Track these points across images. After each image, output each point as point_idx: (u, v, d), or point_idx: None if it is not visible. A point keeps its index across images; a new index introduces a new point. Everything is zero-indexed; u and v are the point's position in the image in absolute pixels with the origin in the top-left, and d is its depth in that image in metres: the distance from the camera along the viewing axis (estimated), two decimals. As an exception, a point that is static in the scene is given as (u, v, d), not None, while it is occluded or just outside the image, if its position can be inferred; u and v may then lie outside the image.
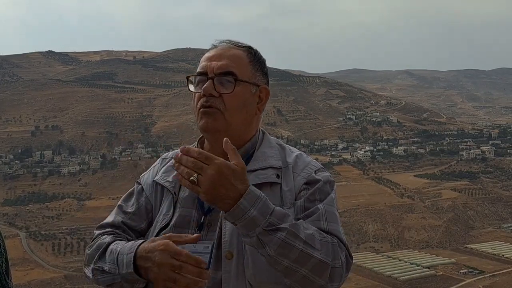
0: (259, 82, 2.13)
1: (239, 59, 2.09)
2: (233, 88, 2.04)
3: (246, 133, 2.13)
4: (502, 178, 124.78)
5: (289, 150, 2.18)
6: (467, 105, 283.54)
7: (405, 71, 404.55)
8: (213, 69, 2.06)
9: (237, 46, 2.14)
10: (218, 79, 2.05)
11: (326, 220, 1.94)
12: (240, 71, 2.07)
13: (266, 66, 2.19)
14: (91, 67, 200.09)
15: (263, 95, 2.14)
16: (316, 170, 2.10)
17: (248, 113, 2.10)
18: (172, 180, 2.16)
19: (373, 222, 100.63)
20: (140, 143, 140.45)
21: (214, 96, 2.04)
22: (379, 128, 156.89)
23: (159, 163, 2.31)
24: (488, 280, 75.88)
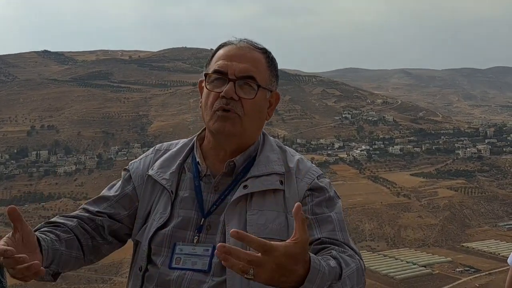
0: (273, 87, 2.09)
1: (259, 63, 2.04)
2: (255, 94, 2.00)
3: (255, 137, 2.11)
4: (498, 177, 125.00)
5: (290, 154, 2.14)
6: (463, 104, 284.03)
7: (401, 70, 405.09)
8: (234, 71, 2.00)
9: (256, 47, 2.07)
10: (239, 83, 1.99)
11: (340, 230, 1.93)
12: (260, 76, 2.02)
13: (278, 69, 2.14)
14: (87, 66, 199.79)
15: (273, 100, 2.11)
16: (318, 176, 2.07)
17: (261, 118, 2.08)
18: (169, 177, 2.10)
19: (370, 221, 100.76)
20: (136, 143, 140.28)
21: (234, 100, 1.99)
22: (375, 127, 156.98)
23: (152, 154, 2.24)
24: (484, 279, 76.07)
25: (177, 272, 1.93)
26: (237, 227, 1.90)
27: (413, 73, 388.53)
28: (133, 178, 2.18)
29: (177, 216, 2.02)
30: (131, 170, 2.21)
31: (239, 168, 2.05)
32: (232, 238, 1.76)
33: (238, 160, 2.05)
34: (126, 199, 2.14)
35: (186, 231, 1.99)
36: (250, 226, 1.92)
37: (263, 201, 1.97)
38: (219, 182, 2.04)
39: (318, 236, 1.90)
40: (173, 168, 2.12)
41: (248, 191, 1.97)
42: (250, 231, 1.88)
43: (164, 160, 2.16)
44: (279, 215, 1.93)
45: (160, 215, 2.04)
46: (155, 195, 2.10)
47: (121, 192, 2.16)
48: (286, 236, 1.87)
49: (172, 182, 2.08)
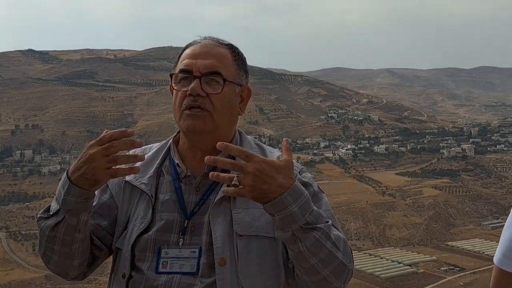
0: (242, 82, 2.07)
1: (224, 58, 2.03)
2: (221, 88, 1.99)
3: (230, 133, 2.08)
4: (482, 176, 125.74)
5: (269, 151, 2.13)
6: (447, 104, 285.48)
7: (387, 69, 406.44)
8: (199, 68, 1.99)
9: (220, 43, 2.07)
10: (205, 79, 1.99)
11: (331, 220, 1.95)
12: (226, 70, 2.01)
13: (247, 65, 2.13)
14: (71, 65, 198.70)
15: (244, 95, 2.09)
16: (300, 171, 2.05)
17: (233, 113, 2.06)
18: (148, 182, 2.06)
19: (355, 220, 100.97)
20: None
21: (201, 96, 1.98)
22: (360, 127, 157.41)
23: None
24: (468, 277, 76.44)
25: (164, 277, 1.91)
26: (222, 226, 1.92)
27: (398, 72, 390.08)
28: (110, 187, 2.12)
29: (159, 220, 1.99)
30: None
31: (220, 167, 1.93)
32: (219, 237, 1.90)
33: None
34: (104, 209, 2.10)
35: (170, 234, 1.96)
36: (237, 225, 1.91)
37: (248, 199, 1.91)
38: (200, 183, 2.02)
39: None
40: (151, 172, 2.08)
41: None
42: (237, 230, 1.91)
43: (141, 166, 2.04)
44: (265, 212, 1.87)
45: (141, 220, 2.00)
46: (133, 200, 2.06)
47: (98, 202, 2.09)
48: (273, 233, 1.89)
49: (151, 186, 2.05)
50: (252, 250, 1.90)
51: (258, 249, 1.91)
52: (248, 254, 1.90)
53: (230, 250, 1.90)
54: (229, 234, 1.91)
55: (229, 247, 1.89)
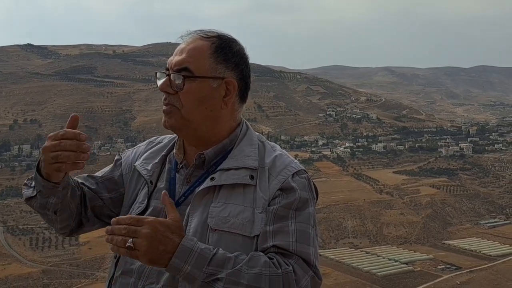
0: (223, 75, 2.01)
1: (199, 52, 2.00)
2: (182, 85, 1.97)
3: (218, 128, 2.05)
4: (480, 175, 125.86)
5: (270, 149, 2.09)
6: (446, 103, 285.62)
7: (385, 68, 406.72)
8: (172, 65, 2.00)
9: (204, 36, 2.03)
10: (174, 76, 1.99)
11: (296, 241, 1.86)
12: (197, 65, 1.98)
13: (239, 56, 2.06)
14: (70, 60, 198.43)
15: (231, 88, 2.02)
16: (295, 173, 1.99)
17: (210, 108, 2.01)
18: (151, 168, 2.12)
19: (352, 218, 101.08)
20: (119, 138, 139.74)
21: (171, 93, 1.99)
22: (359, 125, 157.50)
23: (144, 145, 2.27)
24: (465, 276, 76.54)
25: (139, 262, 1.92)
26: (199, 218, 1.92)
27: (397, 71, 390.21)
28: (123, 166, 2.22)
29: (151, 207, 2.04)
30: (122, 158, 2.26)
31: (212, 161, 2.04)
32: (191, 230, 1.91)
33: (209, 153, 2.03)
34: (112, 182, 2.20)
35: None
36: (211, 218, 1.91)
37: (231, 194, 1.94)
38: (191, 175, 2.05)
39: (271, 244, 1.87)
40: (157, 159, 2.14)
41: (214, 183, 1.95)
42: (210, 223, 1.90)
43: (151, 152, 2.18)
44: (245, 210, 1.90)
45: (139, 205, 2.07)
46: (139, 185, 2.13)
47: (108, 174, 2.22)
48: (250, 231, 1.88)
49: (152, 173, 2.10)
50: (223, 245, 1.86)
51: (229, 245, 1.86)
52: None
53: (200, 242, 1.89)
54: (203, 227, 1.90)
55: (200, 239, 1.87)
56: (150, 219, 1.76)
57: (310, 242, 1.88)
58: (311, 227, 1.91)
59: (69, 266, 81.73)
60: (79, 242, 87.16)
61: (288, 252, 1.83)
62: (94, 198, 2.16)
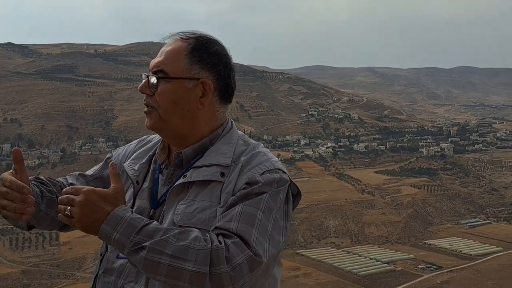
0: (198, 75, 2.02)
1: (175, 53, 2.02)
2: (156, 87, 2.00)
3: (198, 128, 2.06)
4: (460, 175, 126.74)
5: (251, 148, 2.08)
6: (427, 103, 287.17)
7: (367, 68, 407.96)
8: (151, 67, 2.04)
9: (183, 38, 2.05)
10: (151, 77, 2.02)
11: (237, 221, 1.83)
12: (172, 67, 2.01)
13: (216, 57, 2.06)
14: (51, 59, 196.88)
15: (207, 88, 2.04)
16: (267, 171, 1.97)
17: (186, 109, 2.02)
18: (138, 168, 2.14)
19: (334, 217, 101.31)
20: (100, 137, 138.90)
21: (149, 95, 2.03)
22: (341, 125, 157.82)
23: (134, 144, 2.30)
24: (445, 276, 77.03)
25: (121, 261, 1.98)
26: (171, 216, 1.94)
27: (379, 71, 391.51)
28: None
29: (136, 206, 2.06)
30: (113, 156, 2.30)
31: (191, 160, 2.05)
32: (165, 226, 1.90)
33: (186, 152, 2.05)
34: (101, 181, 2.22)
35: None
36: (177, 215, 1.93)
37: (200, 191, 1.96)
38: (172, 175, 2.06)
39: (214, 226, 1.87)
40: (144, 160, 2.16)
41: (185, 180, 1.97)
42: (175, 220, 1.92)
43: (140, 152, 2.21)
44: (212, 206, 1.91)
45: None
46: (127, 185, 2.14)
47: (98, 173, 2.26)
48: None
49: (139, 173, 2.12)
50: None
51: None
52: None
53: None
54: (173, 224, 1.91)
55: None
56: (86, 188, 1.81)
57: (255, 224, 1.84)
58: (259, 212, 1.87)
59: (49, 266, 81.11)
60: (59, 242, 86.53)
61: (228, 232, 1.81)
62: None
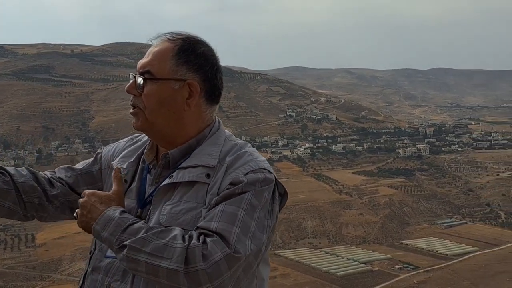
0: (185, 77, 2.03)
1: (162, 54, 2.02)
2: (142, 87, 2.02)
3: (184, 129, 2.07)
4: (436, 176, 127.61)
5: (238, 148, 2.12)
6: (404, 104, 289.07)
7: (345, 69, 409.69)
8: (138, 67, 2.05)
9: (171, 39, 2.05)
10: (137, 78, 2.03)
11: (218, 220, 1.86)
12: (158, 68, 2.01)
13: (203, 58, 2.06)
14: (27, 60, 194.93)
15: (194, 89, 2.04)
16: (251, 171, 2.01)
17: (172, 110, 2.03)
18: (126, 167, 2.16)
19: (312, 218, 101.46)
20: (77, 138, 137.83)
21: (136, 95, 2.04)
22: (319, 126, 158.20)
23: (124, 142, 2.32)
24: (422, 276, 77.46)
25: (108, 260, 2.03)
26: (157, 216, 1.97)
27: (356, 72, 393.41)
28: (102, 161, 2.29)
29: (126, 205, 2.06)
30: (103, 152, 2.32)
31: (177, 161, 2.06)
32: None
33: (173, 153, 2.06)
34: (90, 177, 2.28)
35: None
36: (163, 215, 1.95)
37: (186, 192, 1.97)
38: (159, 175, 2.08)
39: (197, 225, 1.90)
40: (133, 158, 2.18)
41: (171, 181, 1.99)
42: (161, 220, 1.95)
43: (129, 150, 2.23)
44: (197, 207, 1.94)
45: None
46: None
47: (87, 168, 2.30)
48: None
49: (128, 172, 2.14)
50: None
51: None
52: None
53: None
54: (159, 224, 1.93)
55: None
56: (88, 191, 1.96)
57: (236, 222, 1.87)
58: (241, 210, 1.89)
59: (25, 269, 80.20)
60: (35, 244, 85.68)
61: (208, 231, 1.85)
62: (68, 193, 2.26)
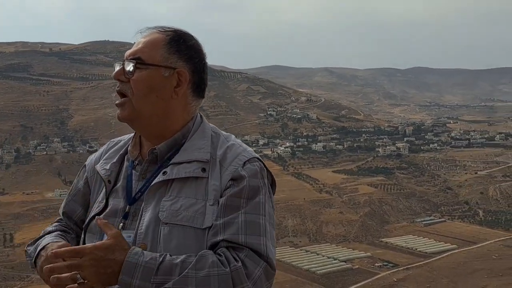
0: (175, 65, 2.02)
1: (153, 43, 2.03)
2: (133, 72, 2.00)
3: (170, 120, 2.06)
4: (416, 174, 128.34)
5: (224, 140, 2.12)
6: (383, 103, 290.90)
7: (325, 68, 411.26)
8: (127, 55, 2.03)
9: (161, 31, 2.07)
10: (127, 64, 2.01)
11: (245, 233, 1.87)
12: (149, 54, 2.01)
13: (193, 50, 2.08)
14: (5, 58, 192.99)
15: (183, 79, 2.03)
16: (246, 161, 2.01)
17: (160, 97, 2.02)
18: (109, 168, 2.13)
19: (293, 217, 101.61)
20: (56, 137, 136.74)
21: (124, 82, 2.02)
22: (299, 125, 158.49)
23: (105, 147, 2.29)
24: (402, 273, 77.88)
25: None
26: (152, 212, 1.94)
27: (336, 71, 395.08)
28: (87, 169, 2.24)
29: (110, 205, 2.06)
30: (87, 163, 2.28)
31: (165, 155, 2.04)
32: (144, 223, 1.95)
33: (161, 147, 2.04)
34: (80, 195, 2.24)
35: (114, 219, 2.02)
36: (162, 212, 1.93)
37: (183, 187, 1.96)
38: (146, 170, 2.05)
39: (221, 238, 1.88)
40: (115, 159, 2.16)
41: (166, 178, 1.97)
42: (161, 216, 1.92)
43: (111, 152, 2.20)
44: (197, 203, 1.93)
45: (98, 204, 2.10)
46: (102, 185, 2.14)
47: (75, 188, 2.26)
48: (201, 224, 1.91)
49: (111, 172, 2.11)
50: (174, 238, 1.89)
51: (181, 238, 1.90)
52: (169, 242, 1.89)
53: (153, 236, 1.92)
54: (156, 221, 1.92)
55: (152, 233, 1.92)
56: (88, 248, 1.79)
57: (261, 232, 1.89)
58: (261, 217, 1.92)
59: (3, 268, 79.58)
60: (14, 243, 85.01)
61: (237, 244, 1.85)
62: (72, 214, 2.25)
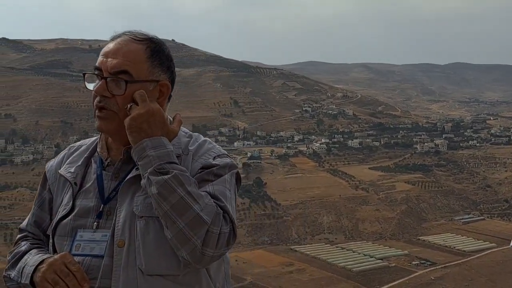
0: (158, 78, 2.06)
1: (135, 55, 2.02)
2: (124, 90, 1.99)
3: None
4: (454, 171, 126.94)
5: (195, 139, 2.15)
6: (421, 99, 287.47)
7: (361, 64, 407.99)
8: (107, 67, 2.00)
9: (136, 39, 2.06)
10: (111, 79, 1.99)
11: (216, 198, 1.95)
12: (136, 69, 2.01)
13: (169, 59, 2.11)
14: (45, 55, 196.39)
15: (164, 90, 2.08)
16: (216, 156, 2.07)
17: None
18: (74, 171, 2.14)
19: (328, 213, 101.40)
20: (95, 133, 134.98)
21: (107, 97, 2.00)
22: (335, 121, 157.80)
23: (66, 151, 2.30)
24: (439, 272, 77.23)
25: (76, 259, 1.96)
26: (127, 208, 1.97)
27: (373, 67, 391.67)
28: (48, 177, 2.24)
29: (79, 206, 2.06)
30: (47, 170, 2.28)
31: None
32: (121, 220, 1.97)
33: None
34: (45, 204, 2.22)
35: (87, 219, 2.03)
36: (136, 206, 1.96)
37: None
38: (119, 170, 2.07)
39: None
40: (80, 162, 2.17)
41: (138, 173, 1.98)
42: (136, 211, 1.96)
43: (74, 156, 2.22)
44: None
45: (64, 207, 2.09)
46: (65, 189, 2.14)
47: (40, 198, 2.25)
48: None
49: (76, 175, 2.12)
50: (151, 231, 1.92)
51: (157, 230, 1.91)
52: (147, 235, 1.91)
53: (130, 232, 1.93)
54: (131, 216, 1.95)
55: (129, 229, 1.94)
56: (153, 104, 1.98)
57: (227, 200, 1.96)
58: (227, 189, 2.00)
59: None
60: None
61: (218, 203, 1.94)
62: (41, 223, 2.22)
